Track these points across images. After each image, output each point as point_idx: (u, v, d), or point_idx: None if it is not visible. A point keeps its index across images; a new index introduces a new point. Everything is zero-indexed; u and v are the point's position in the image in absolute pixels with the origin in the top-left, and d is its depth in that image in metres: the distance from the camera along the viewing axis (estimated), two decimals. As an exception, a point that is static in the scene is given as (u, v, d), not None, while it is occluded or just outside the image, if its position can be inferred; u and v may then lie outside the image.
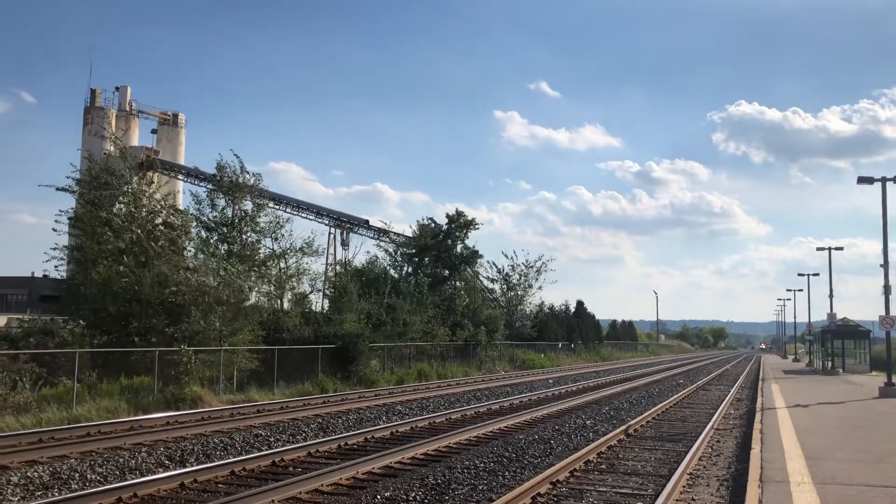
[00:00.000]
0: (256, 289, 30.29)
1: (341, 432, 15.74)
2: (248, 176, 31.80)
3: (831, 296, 46.45)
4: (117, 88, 70.23)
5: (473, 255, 51.57)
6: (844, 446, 13.25)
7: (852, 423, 17.19)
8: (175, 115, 73.58)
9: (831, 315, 45.55)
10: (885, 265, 25.54)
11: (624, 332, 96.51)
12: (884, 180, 25.60)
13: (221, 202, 31.55)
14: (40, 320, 24.43)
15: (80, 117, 67.44)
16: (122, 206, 26.87)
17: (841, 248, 48.32)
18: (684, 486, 10.76)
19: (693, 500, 9.97)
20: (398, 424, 16.63)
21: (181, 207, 32.11)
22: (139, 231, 25.91)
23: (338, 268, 46.11)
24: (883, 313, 26.39)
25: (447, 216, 50.39)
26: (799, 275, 60.80)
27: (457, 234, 50.17)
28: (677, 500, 9.84)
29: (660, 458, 13.37)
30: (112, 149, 32.88)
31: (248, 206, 32.10)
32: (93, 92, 67.81)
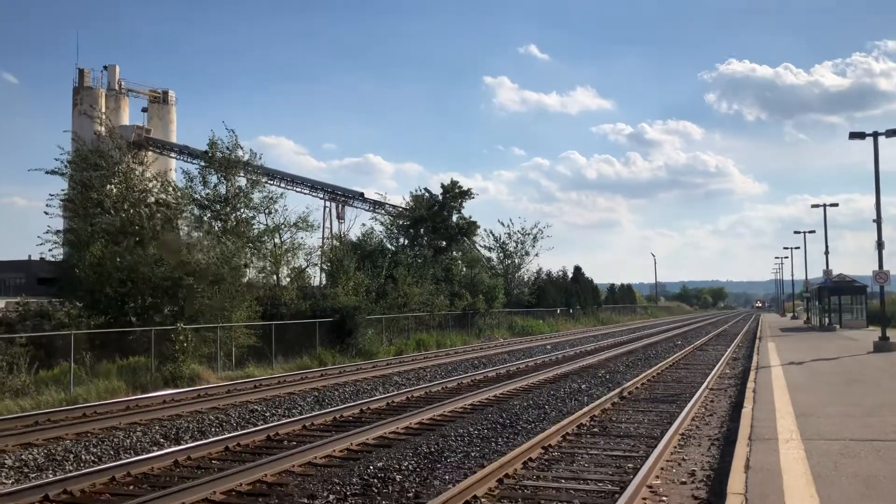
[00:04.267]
0: (252, 265, 30.36)
1: (337, 405, 15.83)
2: (241, 152, 31.67)
3: (827, 252, 46.56)
4: (105, 68, 69.62)
5: (471, 226, 51.48)
6: (835, 402, 13.34)
7: (845, 378, 17.30)
8: (165, 93, 73.00)
9: (827, 272, 45.65)
10: (878, 220, 25.54)
11: (622, 296, 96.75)
12: (875, 135, 25.47)
13: (214, 179, 31.42)
14: (36, 303, 24.47)
15: (69, 98, 66.94)
16: (112, 186, 26.76)
17: (836, 205, 48.21)
18: (675, 447, 10.85)
19: (684, 459, 10.05)
20: (394, 395, 16.74)
21: (176, 185, 31.92)
22: (132, 210, 25.87)
23: (334, 242, 46.07)
24: (877, 268, 26.45)
25: (442, 186, 50.23)
26: (795, 232, 60.89)
27: (452, 204, 50.02)
28: (668, 461, 9.92)
29: (653, 419, 13.47)
30: (101, 129, 32.66)
31: (241, 181, 31.98)
32: (81, 72, 67.24)
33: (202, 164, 33.38)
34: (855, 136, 25.98)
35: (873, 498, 6.91)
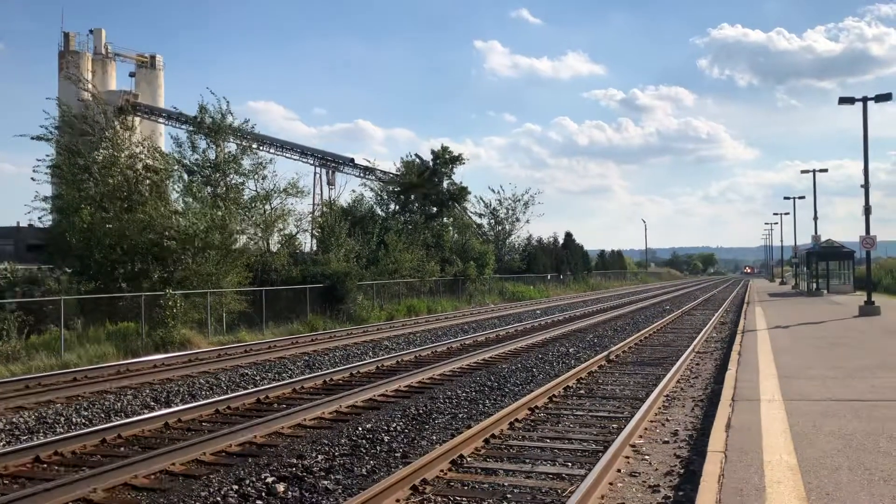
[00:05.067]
0: (242, 230, 30.28)
1: (327, 369, 15.96)
2: (231, 118, 31.40)
3: (816, 218, 46.81)
4: (91, 31, 68.53)
5: (462, 192, 51.45)
6: (818, 364, 13.54)
7: (829, 341, 17.53)
8: (153, 58, 71.96)
9: (816, 237, 45.92)
10: (866, 185, 25.65)
11: (613, 262, 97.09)
12: (864, 100, 25.49)
13: (203, 144, 31.20)
14: (25, 270, 24.44)
15: (55, 63, 65.99)
16: (97, 153, 26.57)
17: (825, 170, 48.28)
18: (660, 408, 11.02)
19: (667, 420, 10.22)
20: (384, 359, 16.86)
21: (163, 151, 31.68)
22: (120, 177, 25.73)
23: (324, 208, 45.95)
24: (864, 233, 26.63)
25: (432, 152, 50.06)
26: (785, 198, 61.13)
27: (443, 170, 49.90)
28: (652, 421, 10.09)
29: (639, 381, 13.64)
30: (86, 95, 32.33)
31: (231, 147, 31.78)
32: (66, 35, 66.12)
33: (191, 129, 33.13)
34: (844, 101, 26.00)
35: (848, 454, 7.07)
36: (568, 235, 73.95)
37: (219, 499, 7.01)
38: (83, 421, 10.87)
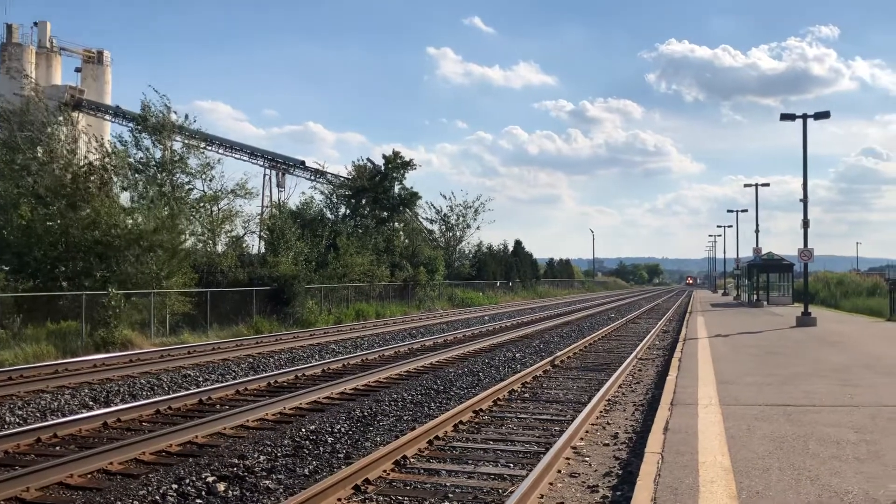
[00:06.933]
0: (190, 231, 29.85)
1: (272, 371, 15.82)
2: (175, 116, 30.97)
3: (757, 231, 48.15)
4: (36, 24, 66.86)
5: (412, 197, 51.56)
6: (755, 371, 13.93)
7: (767, 350, 18.03)
8: (100, 53, 70.53)
9: (757, 249, 47.21)
10: (805, 200, 26.48)
11: (561, 271, 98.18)
12: (804, 117, 26.37)
13: (147, 142, 30.71)
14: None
15: (-3, 55, 64.10)
16: (40, 148, 25.93)
17: (767, 185, 49.75)
18: (601, 412, 11.21)
19: (608, 423, 10.41)
20: (330, 362, 16.79)
21: (115, 145, 31.08)
22: (63, 173, 25.13)
23: (273, 210, 45.52)
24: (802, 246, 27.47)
25: (384, 157, 50.10)
26: (728, 211, 62.75)
27: (394, 175, 49.94)
28: (593, 424, 10.26)
29: (582, 386, 13.84)
30: (28, 91, 31.51)
31: (177, 145, 31.33)
32: (9, 27, 64.40)
33: (135, 126, 32.58)
34: (786, 117, 26.84)
35: (779, 456, 7.31)
36: (517, 243, 74.62)
37: (157, 497, 6.92)
38: (17, 420, 10.58)
